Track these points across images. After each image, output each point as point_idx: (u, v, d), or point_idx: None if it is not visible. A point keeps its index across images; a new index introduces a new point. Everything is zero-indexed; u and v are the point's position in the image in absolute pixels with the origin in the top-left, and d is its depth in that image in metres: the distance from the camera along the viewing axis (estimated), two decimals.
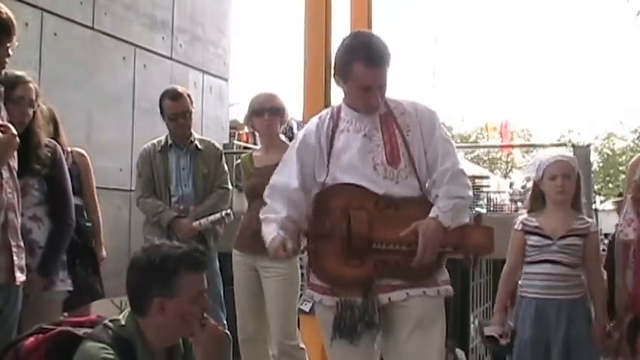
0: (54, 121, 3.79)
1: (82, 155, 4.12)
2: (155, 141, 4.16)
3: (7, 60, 2.55)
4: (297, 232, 2.57)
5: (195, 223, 3.91)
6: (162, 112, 4.09)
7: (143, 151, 4.16)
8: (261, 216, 2.66)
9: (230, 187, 4.18)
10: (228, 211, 3.94)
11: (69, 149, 3.91)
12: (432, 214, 2.46)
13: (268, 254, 3.48)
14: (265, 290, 3.68)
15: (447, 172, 2.53)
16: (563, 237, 3.19)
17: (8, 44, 2.51)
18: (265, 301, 3.70)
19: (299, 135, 2.75)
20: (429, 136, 2.58)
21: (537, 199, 3.33)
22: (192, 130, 4.15)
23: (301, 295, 3.67)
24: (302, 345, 3.71)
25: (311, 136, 2.63)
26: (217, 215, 3.90)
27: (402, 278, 2.49)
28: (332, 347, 2.58)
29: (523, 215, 3.38)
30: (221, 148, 4.35)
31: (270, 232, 2.56)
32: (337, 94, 2.72)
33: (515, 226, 3.32)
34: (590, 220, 3.34)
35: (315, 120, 2.70)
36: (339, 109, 2.65)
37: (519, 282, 3.32)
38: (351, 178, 2.52)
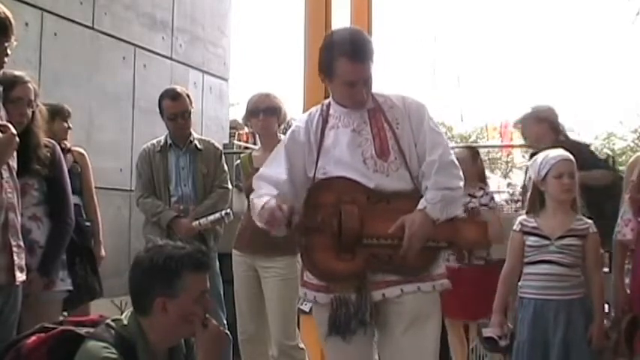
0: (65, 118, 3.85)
1: (82, 154, 4.14)
2: (155, 141, 4.17)
3: (5, 60, 2.55)
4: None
5: (195, 223, 3.91)
6: (161, 112, 4.10)
7: (143, 152, 4.16)
8: (251, 196, 2.64)
9: (230, 186, 4.19)
10: (228, 210, 3.94)
11: (68, 145, 3.95)
12: (419, 206, 2.45)
13: (267, 249, 3.50)
14: (265, 290, 3.68)
15: (435, 163, 2.51)
16: (561, 237, 3.19)
17: (6, 44, 2.51)
18: (265, 302, 3.70)
19: (288, 132, 2.75)
20: (417, 128, 2.57)
21: (536, 200, 3.33)
22: (191, 130, 4.16)
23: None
24: (301, 345, 3.71)
25: (300, 133, 2.63)
26: (217, 215, 3.90)
27: (396, 273, 2.48)
28: (328, 344, 2.58)
29: (522, 216, 3.38)
30: (221, 148, 4.36)
31: (261, 201, 2.49)
32: None
33: (514, 227, 3.32)
34: (589, 221, 3.34)
35: (304, 117, 2.70)
36: (327, 105, 2.65)
37: (519, 283, 3.32)
38: (341, 172, 2.51)
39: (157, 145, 4.13)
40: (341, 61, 2.47)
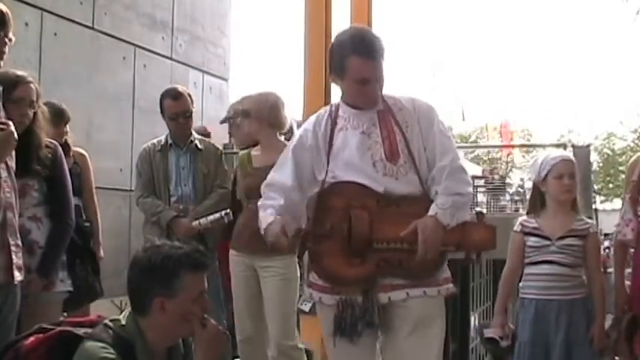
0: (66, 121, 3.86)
1: (83, 155, 4.13)
2: (155, 141, 4.16)
3: (5, 50, 2.55)
4: (295, 223, 2.51)
5: (195, 223, 3.89)
6: (162, 112, 4.09)
7: (143, 151, 4.16)
8: (259, 203, 2.64)
9: (230, 187, 4.17)
10: (228, 210, 3.92)
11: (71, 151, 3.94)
12: (430, 212, 2.43)
13: (266, 249, 3.48)
14: (264, 290, 3.65)
15: (445, 168, 2.50)
16: (562, 237, 3.20)
17: (2, 33, 2.51)
18: (263, 302, 3.68)
19: (296, 134, 2.74)
20: (427, 132, 2.55)
21: (537, 200, 3.33)
22: (192, 130, 4.16)
23: (301, 295, 3.66)
24: (301, 345, 3.69)
25: (307, 135, 2.61)
26: (217, 215, 3.89)
27: (404, 277, 2.48)
28: (332, 346, 2.57)
29: (522, 217, 3.38)
30: (221, 148, 4.35)
31: (267, 216, 2.51)
32: (337, 94, 2.71)
33: (515, 228, 3.32)
34: (590, 221, 3.35)
35: (312, 119, 2.68)
36: (337, 107, 2.63)
37: (520, 284, 3.32)
38: (351, 176, 2.50)
39: (157, 145, 4.12)
40: (352, 58, 2.46)
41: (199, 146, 4.10)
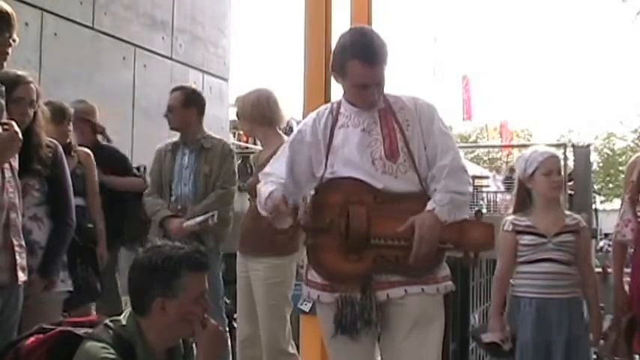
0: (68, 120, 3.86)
1: (88, 155, 4.11)
2: (169, 140, 4.17)
3: (8, 51, 2.55)
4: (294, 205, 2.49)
5: (186, 224, 3.86)
6: None
7: (157, 151, 4.16)
8: (258, 185, 2.64)
9: (233, 187, 4.14)
10: (214, 212, 3.86)
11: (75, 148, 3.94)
12: (428, 208, 2.43)
13: (255, 249, 3.48)
14: (255, 292, 3.62)
15: (445, 167, 2.50)
16: (557, 234, 3.17)
17: (7, 34, 2.51)
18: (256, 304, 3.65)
19: (294, 131, 2.75)
20: (427, 131, 2.56)
21: (524, 198, 3.29)
22: (203, 128, 4.13)
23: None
24: (292, 350, 3.64)
25: (306, 132, 2.63)
26: (202, 217, 3.83)
27: (402, 274, 2.47)
28: (332, 344, 2.57)
29: (511, 216, 3.31)
30: (231, 146, 4.31)
31: (267, 189, 2.51)
32: (337, 93, 2.71)
33: (505, 227, 3.25)
34: (577, 216, 3.33)
35: (312, 115, 2.69)
36: (338, 104, 2.64)
37: (512, 282, 3.28)
38: (349, 172, 2.51)
39: (169, 145, 4.12)
40: (353, 63, 2.46)
41: (205, 145, 4.05)
